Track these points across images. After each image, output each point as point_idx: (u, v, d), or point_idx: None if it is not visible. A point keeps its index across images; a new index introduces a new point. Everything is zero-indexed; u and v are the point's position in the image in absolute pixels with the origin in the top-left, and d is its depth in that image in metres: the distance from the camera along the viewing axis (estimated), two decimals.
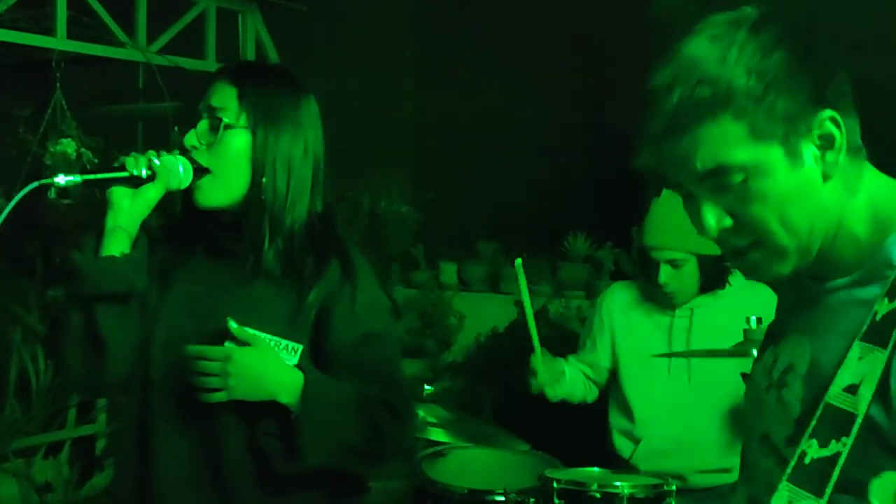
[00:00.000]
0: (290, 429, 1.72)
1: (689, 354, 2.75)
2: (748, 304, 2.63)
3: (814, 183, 1.15)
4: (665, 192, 2.91)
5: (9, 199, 3.61)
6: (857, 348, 1.09)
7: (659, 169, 1.18)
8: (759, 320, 2.36)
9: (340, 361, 1.79)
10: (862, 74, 1.24)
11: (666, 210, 2.85)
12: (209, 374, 1.70)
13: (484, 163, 5.24)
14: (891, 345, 1.06)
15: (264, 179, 1.76)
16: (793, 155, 1.13)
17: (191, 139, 1.76)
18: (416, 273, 4.98)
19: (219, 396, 1.70)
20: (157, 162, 1.70)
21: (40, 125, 3.58)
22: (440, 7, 5.31)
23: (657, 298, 2.94)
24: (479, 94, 5.31)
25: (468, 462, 2.82)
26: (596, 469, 2.47)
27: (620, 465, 2.91)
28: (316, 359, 1.79)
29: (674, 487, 2.32)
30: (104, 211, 1.72)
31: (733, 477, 2.76)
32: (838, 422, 1.07)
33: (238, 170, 1.77)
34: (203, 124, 1.76)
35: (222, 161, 1.76)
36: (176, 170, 1.72)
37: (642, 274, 3.00)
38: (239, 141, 1.76)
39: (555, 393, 2.82)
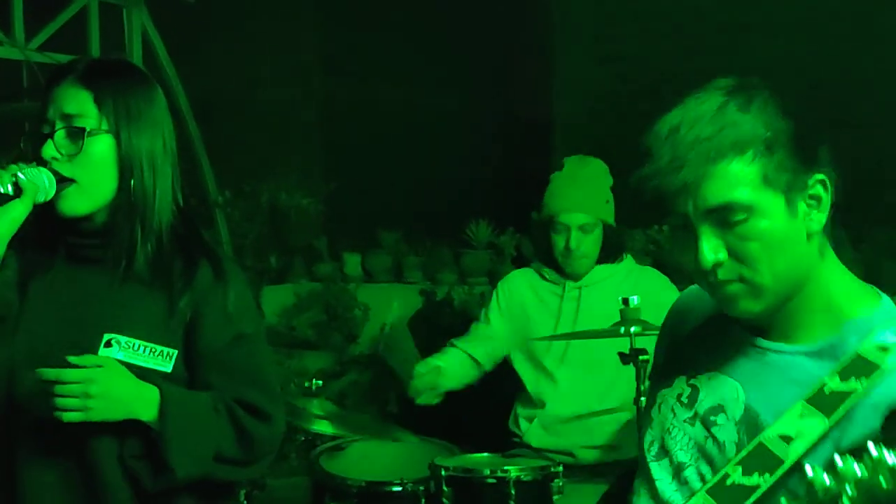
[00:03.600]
0: (155, 446, 1.70)
1: (569, 337, 2.82)
2: (634, 288, 2.72)
3: (801, 236, 1.29)
4: (568, 164, 2.99)
5: None
6: (799, 406, 1.26)
7: (660, 200, 1.30)
8: (632, 301, 2.42)
9: (212, 363, 1.77)
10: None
11: (571, 179, 2.93)
12: (68, 395, 1.65)
13: (387, 152, 5.25)
14: (833, 418, 1.23)
15: (132, 182, 1.74)
16: (791, 206, 1.27)
17: (49, 150, 1.69)
18: (319, 265, 4.96)
19: (75, 417, 1.66)
20: (21, 176, 1.65)
21: None
22: None
23: (549, 276, 3.01)
24: (385, 83, 5.31)
25: (366, 455, 2.85)
26: (486, 454, 2.51)
27: (518, 446, 2.98)
28: (188, 362, 1.77)
29: (560, 469, 2.38)
30: None
31: (621, 454, 2.86)
32: (766, 461, 1.25)
33: (104, 176, 1.73)
34: (60, 134, 1.69)
35: (87, 169, 1.71)
36: (42, 182, 1.68)
37: (539, 254, 3.06)
38: (102, 146, 1.72)
39: (438, 398, 2.91)
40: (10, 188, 1.65)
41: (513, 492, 2.30)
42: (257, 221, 4.81)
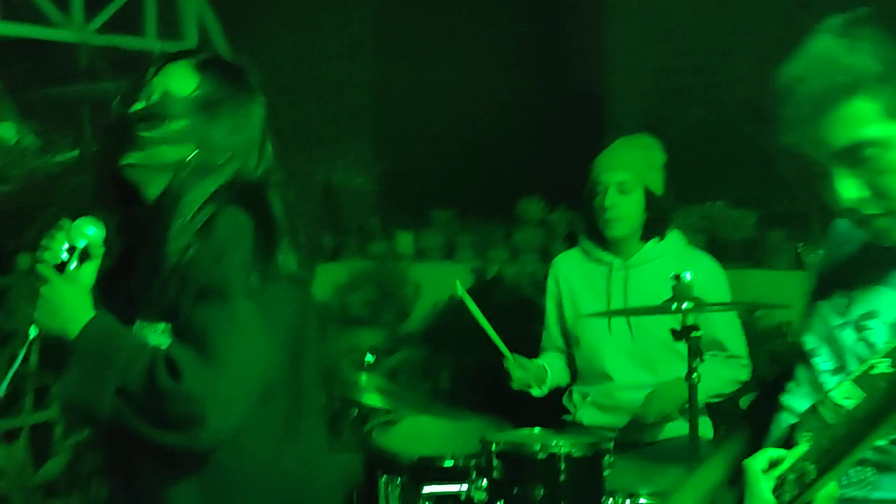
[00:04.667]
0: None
1: (620, 313, 2.81)
2: (683, 266, 2.68)
3: None
4: (618, 140, 3.01)
5: None
6: None
7: (798, 148, 1.34)
8: (684, 277, 2.40)
9: (178, 321, 1.70)
10: None
11: (619, 145, 2.96)
12: None
13: (438, 131, 5.26)
14: None
15: (185, 163, 1.77)
16: None
17: (137, 120, 1.77)
18: (372, 244, 5.00)
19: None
20: (79, 244, 1.73)
21: None
22: None
23: (598, 257, 2.98)
24: (436, 62, 5.31)
25: (418, 430, 2.86)
26: (537, 430, 2.51)
27: (571, 424, 2.98)
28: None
29: (611, 445, 2.37)
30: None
31: (672, 431, 2.84)
32: None
33: (170, 151, 1.78)
34: (150, 110, 1.77)
35: (161, 140, 1.77)
36: (88, 234, 1.75)
37: (590, 230, 3.03)
38: (175, 130, 1.77)
39: (541, 391, 2.92)
40: (73, 266, 1.73)
41: (563, 466, 2.29)
42: (311, 201, 4.85)
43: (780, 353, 3.82)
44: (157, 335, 1.71)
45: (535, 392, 2.93)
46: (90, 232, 1.74)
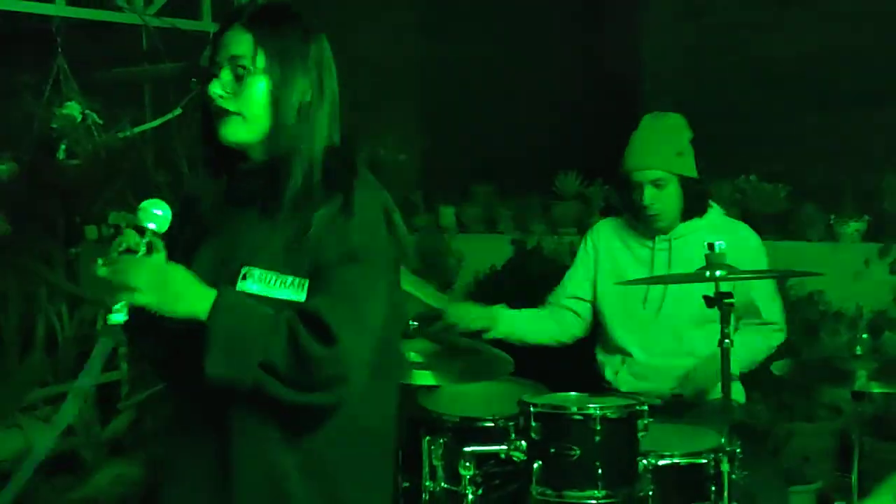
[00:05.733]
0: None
1: (654, 281, 2.77)
2: (722, 236, 2.63)
3: None
4: (644, 121, 2.93)
5: (17, 163, 3.63)
6: None
7: None
8: (718, 246, 2.36)
9: (318, 278, 1.73)
10: None
11: (645, 135, 2.88)
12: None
13: (479, 108, 5.22)
14: None
15: (283, 121, 1.78)
16: None
17: (215, 88, 1.78)
18: (416, 217, 5.00)
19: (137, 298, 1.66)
20: (150, 226, 1.71)
21: (44, 91, 3.59)
22: None
23: (639, 229, 2.95)
24: (477, 43, 5.27)
25: (460, 392, 2.86)
26: (574, 394, 2.49)
27: (605, 390, 2.95)
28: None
29: (646, 408, 2.35)
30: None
31: (707, 395, 2.81)
32: None
33: (261, 112, 1.79)
34: (226, 73, 1.78)
35: (248, 104, 1.78)
36: (156, 216, 1.73)
37: (625, 206, 3.01)
38: (259, 85, 1.78)
39: (494, 333, 2.94)
40: (144, 249, 1.70)
41: (598, 427, 2.28)
42: None
43: (812, 321, 3.77)
44: (287, 288, 1.73)
45: (489, 335, 2.93)
46: (162, 213, 1.73)
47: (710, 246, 2.35)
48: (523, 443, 2.34)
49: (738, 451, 2.34)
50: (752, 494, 2.47)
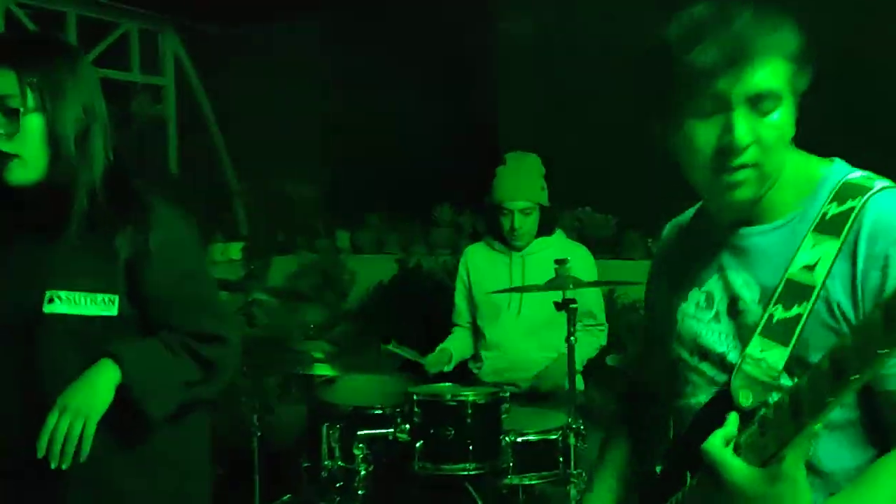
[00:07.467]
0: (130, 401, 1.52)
1: (517, 290, 2.81)
2: (563, 254, 2.70)
3: (791, 133, 1.12)
4: (509, 159, 2.98)
5: None
6: (810, 238, 1.09)
7: (693, 78, 1.07)
8: (565, 261, 2.42)
9: (163, 303, 1.57)
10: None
11: (511, 172, 2.93)
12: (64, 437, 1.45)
13: (371, 150, 5.20)
14: (842, 236, 1.07)
15: (63, 152, 1.51)
16: (796, 106, 1.11)
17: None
18: (318, 241, 4.95)
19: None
20: None
21: None
22: (343, 28, 5.23)
23: (498, 248, 3.00)
24: (371, 97, 5.25)
25: (353, 386, 2.82)
26: (448, 384, 2.49)
27: (475, 381, 2.96)
28: (134, 301, 1.56)
29: (507, 394, 2.36)
30: None
31: (553, 382, 2.85)
32: (799, 292, 1.07)
33: (41, 149, 1.51)
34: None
35: (26, 144, 1.50)
36: None
37: (491, 230, 3.04)
38: (34, 123, 1.50)
39: (450, 367, 2.92)
40: None
41: (469, 411, 2.29)
42: (269, 206, 4.77)
43: (634, 323, 3.90)
44: (97, 305, 1.52)
45: (447, 368, 2.94)
46: None
47: (559, 262, 2.40)
48: (407, 426, 2.33)
49: (582, 427, 2.39)
50: (591, 461, 2.51)
